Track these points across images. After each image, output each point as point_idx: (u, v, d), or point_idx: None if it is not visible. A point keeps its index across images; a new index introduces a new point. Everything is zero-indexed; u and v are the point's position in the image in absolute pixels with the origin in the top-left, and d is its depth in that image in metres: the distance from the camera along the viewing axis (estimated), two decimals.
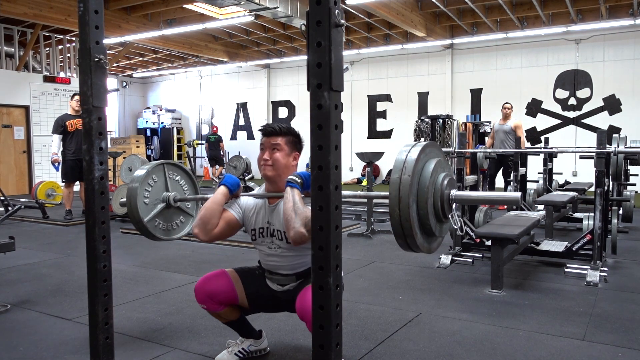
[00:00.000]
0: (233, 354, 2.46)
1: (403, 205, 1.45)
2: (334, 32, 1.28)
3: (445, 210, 1.58)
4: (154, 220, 2.47)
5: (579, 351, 2.61)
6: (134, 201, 2.36)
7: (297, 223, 1.94)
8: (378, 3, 8.84)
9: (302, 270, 2.26)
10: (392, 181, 1.48)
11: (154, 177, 2.47)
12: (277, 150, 2.19)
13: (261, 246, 2.31)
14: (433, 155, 1.59)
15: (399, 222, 1.46)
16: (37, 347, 2.69)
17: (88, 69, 1.84)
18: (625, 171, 6.11)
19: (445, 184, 1.58)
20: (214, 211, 2.20)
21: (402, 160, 1.50)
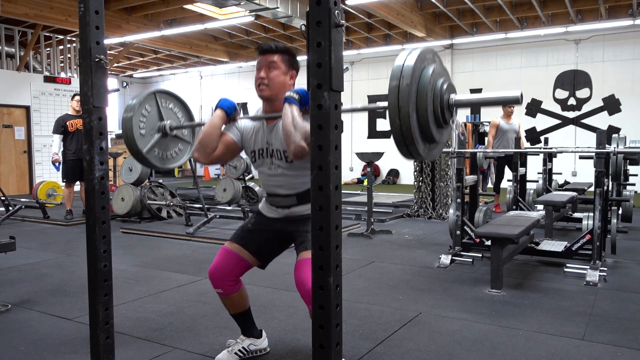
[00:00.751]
0: (233, 353, 2.46)
1: (403, 114, 1.43)
2: (334, 32, 1.28)
3: (445, 115, 1.56)
4: (153, 150, 2.44)
5: (579, 351, 2.61)
6: (130, 133, 2.31)
7: (297, 137, 1.93)
8: (378, 3, 8.85)
9: (302, 191, 2.22)
10: (390, 90, 1.44)
11: (147, 107, 2.42)
12: (273, 68, 2.17)
13: (262, 167, 2.28)
14: (431, 61, 1.55)
15: (400, 131, 1.44)
16: (37, 347, 2.69)
17: (89, 69, 1.84)
18: (624, 171, 6.11)
19: (445, 89, 1.54)
20: (212, 134, 2.20)
21: (399, 67, 1.46)
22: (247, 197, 8.54)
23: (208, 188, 11.05)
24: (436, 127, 1.55)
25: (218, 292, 2.34)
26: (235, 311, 2.44)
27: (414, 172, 7.41)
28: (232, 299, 2.37)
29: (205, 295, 3.61)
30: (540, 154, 6.91)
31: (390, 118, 1.44)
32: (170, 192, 7.47)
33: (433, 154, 1.60)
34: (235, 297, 2.37)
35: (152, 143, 2.42)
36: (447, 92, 1.56)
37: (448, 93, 1.56)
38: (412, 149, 1.48)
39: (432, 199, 7.28)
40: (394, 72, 1.46)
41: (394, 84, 1.44)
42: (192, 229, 5.85)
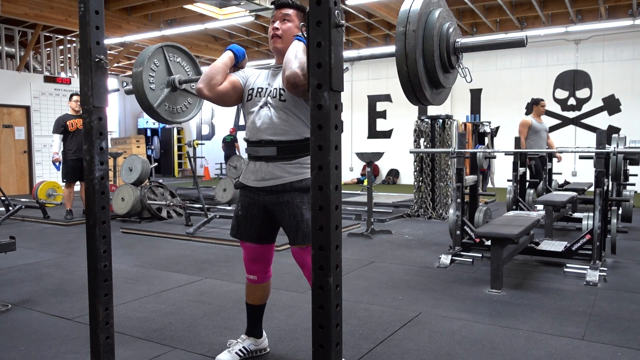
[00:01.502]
0: (234, 353, 2.46)
1: (410, 61, 1.43)
2: (334, 32, 1.28)
3: (452, 60, 1.57)
4: (164, 105, 2.46)
5: (579, 351, 2.61)
6: (140, 88, 2.33)
7: (295, 64, 1.97)
8: (378, 3, 8.85)
9: (284, 140, 2.17)
10: (397, 36, 1.44)
11: (156, 62, 2.43)
12: (287, 21, 2.22)
13: (252, 107, 2.26)
14: (436, 5, 1.56)
15: (408, 78, 1.45)
16: (37, 347, 2.69)
17: (89, 69, 1.84)
18: (624, 171, 6.11)
19: (451, 32, 1.55)
20: (219, 69, 2.25)
21: (405, 13, 1.46)
22: None
23: (208, 188, 11.05)
24: (442, 71, 1.56)
25: (252, 279, 2.41)
26: (254, 302, 2.47)
27: (414, 172, 7.41)
28: (259, 287, 2.44)
29: (205, 295, 3.61)
30: (540, 154, 6.90)
31: (398, 65, 1.45)
32: (170, 192, 7.47)
33: (440, 98, 1.61)
34: (262, 287, 2.44)
35: (162, 97, 2.44)
36: (453, 36, 1.56)
37: (454, 37, 1.57)
38: (419, 95, 1.50)
39: (432, 199, 7.28)
40: (401, 17, 1.46)
41: (400, 30, 1.44)
42: (192, 229, 5.85)
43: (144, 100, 2.37)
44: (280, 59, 2.25)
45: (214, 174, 16.26)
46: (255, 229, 2.32)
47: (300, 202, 2.17)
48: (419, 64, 1.46)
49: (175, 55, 2.55)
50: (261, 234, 2.34)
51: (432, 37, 1.49)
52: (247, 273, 2.42)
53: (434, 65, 1.50)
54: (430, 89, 1.53)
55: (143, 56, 2.38)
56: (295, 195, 2.18)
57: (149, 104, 2.38)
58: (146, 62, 2.36)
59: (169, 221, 6.90)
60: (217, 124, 16.76)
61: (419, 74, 1.45)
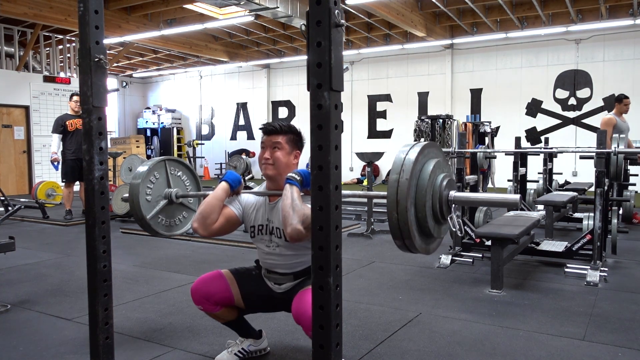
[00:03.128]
0: (233, 354, 2.46)
1: (401, 208, 1.44)
2: (334, 32, 1.28)
3: (444, 212, 1.57)
4: (157, 217, 2.48)
5: (579, 351, 2.61)
6: (136, 199, 2.36)
7: (295, 220, 1.95)
8: (378, 3, 8.84)
9: (300, 270, 2.25)
10: (390, 183, 1.46)
11: (156, 174, 2.47)
12: (277, 149, 2.20)
13: (260, 244, 2.31)
14: (432, 156, 1.58)
15: (397, 225, 1.46)
16: (37, 347, 2.69)
17: (88, 69, 1.84)
18: (625, 171, 6.10)
19: (445, 185, 1.56)
20: (214, 206, 2.21)
21: (400, 161, 1.48)
22: None
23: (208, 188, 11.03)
24: (434, 222, 1.56)
25: (199, 308, 2.35)
26: (224, 321, 2.44)
27: None
28: (216, 314, 2.38)
29: None
30: (540, 153, 6.90)
31: (388, 211, 1.45)
32: None
33: (430, 249, 1.61)
34: (219, 314, 2.37)
35: (157, 209, 2.46)
36: (446, 188, 1.57)
37: (448, 189, 1.57)
38: (408, 243, 1.49)
39: None
40: (395, 165, 1.48)
41: (393, 178, 1.46)
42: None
43: (137, 211, 2.38)
44: (271, 184, 2.26)
45: (214, 174, 16.25)
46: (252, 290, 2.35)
47: None
48: (410, 212, 1.45)
49: (176, 169, 2.59)
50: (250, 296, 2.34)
51: (424, 187, 1.49)
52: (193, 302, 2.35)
53: (425, 215, 1.50)
54: (420, 238, 1.52)
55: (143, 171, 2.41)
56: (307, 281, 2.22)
57: (141, 215, 2.39)
58: (146, 175, 2.40)
59: None
60: (217, 124, 16.76)
61: (408, 222, 1.45)
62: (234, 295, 2.33)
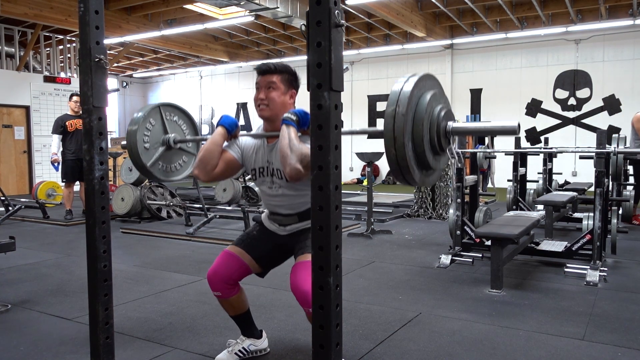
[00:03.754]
0: (233, 354, 2.46)
1: (398, 144, 1.41)
2: (334, 32, 1.28)
3: (442, 143, 1.54)
4: (157, 164, 2.46)
5: (579, 351, 2.61)
6: (134, 148, 2.34)
7: (293, 159, 1.95)
8: (378, 3, 8.84)
9: (303, 210, 2.24)
10: (386, 119, 1.42)
11: (152, 121, 2.44)
12: (272, 89, 2.17)
13: (262, 186, 2.30)
14: (429, 88, 1.53)
15: (396, 161, 1.43)
16: (37, 347, 2.69)
17: (88, 69, 1.84)
18: (624, 171, 6.11)
19: (442, 117, 1.52)
20: (213, 152, 2.21)
21: (396, 95, 1.43)
22: (247, 197, 8.54)
23: (208, 188, 11.04)
24: (432, 154, 1.53)
25: (216, 295, 2.34)
26: (234, 313, 2.44)
27: None
28: (231, 302, 2.37)
29: (205, 295, 3.61)
30: (540, 154, 6.90)
31: (386, 147, 1.43)
32: (170, 192, 7.47)
33: (430, 181, 1.59)
34: (234, 300, 2.37)
35: (156, 156, 2.44)
36: (444, 119, 1.54)
37: (445, 120, 1.54)
38: (408, 178, 1.48)
39: (432, 199, 7.28)
40: (391, 99, 1.44)
41: (389, 112, 1.42)
42: (192, 229, 5.85)
43: (137, 160, 2.37)
44: (268, 125, 2.24)
45: None
46: (260, 249, 2.35)
47: None
48: (408, 148, 1.43)
49: (172, 114, 2.56)
50: (261, 256, 2.35)
51: (422, 120, 1.46)
52: (211, 290, 2.36)
53: (423, 148, 1.47)
54: (419, 172, 1.50)
55: (139, 116, 2.39)
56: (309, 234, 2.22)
57: (141, 163, 2.38)
58: (142, 121, 2.37)
59: (169, 221, 6.90)
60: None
61: (406, 157, 1.43)
62: (249, 265, 2.34)
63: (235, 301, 2.38)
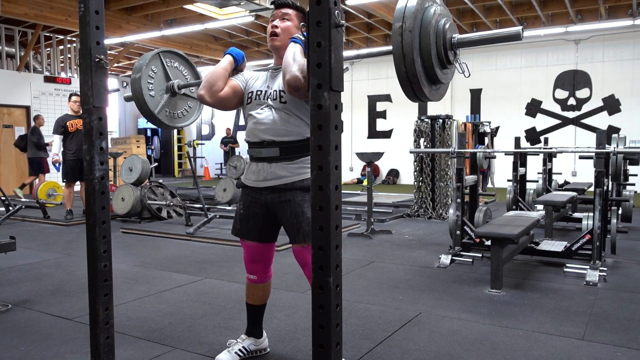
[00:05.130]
0: (233, 353, 2.46)
1: (408, 61, 1.44)
2: (334, 32, 1.28)
3: (449, 56, 1.58)
4: (164, 111, 2.47)
5: (579, 351, 2.61)
6: (140, 96, 2.35)
7: (294, 67, 1.97)
8: (378, 3, 8.85)
9: (286, 141, 2.18)
10: (394, 35, 1.45)
11: (153, 68, 2.44)
12: (286, 20, 2.23)
13: (253, 110, 2.27)
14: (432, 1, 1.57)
15: (406, 77, 1.47)
16: (38, 347, 2.69)
17: (89, 69, 1.84)
18: (624, 171, 6.11)
19: (447, 29, 1.55)
20: (220, 74, 2.26)
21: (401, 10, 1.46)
22: None
23: (208, 188, 11.04)
24: (440, 68, 1.57)
25: (252, 278, 2.41)
26: (254, 302, 2.47)
27: (414, 172, 7.41)
28: (259, 288, 2.44)
29: (205, 295, 3.61)
30: (540, 154, 6.90)
31: (396, 65, 1.46)
32: (170, 192, 7.47)
33: (439, 94, 1.63)
34: (262, 287, 2.44)
35: (162, 103, 2.44)
36: (449, 31, 1.57)
37: (450, 33, 1.57)
38: (419, 93, 1.52)
39: (432, 199, 7.28)
40: (396, 15, 1.46)
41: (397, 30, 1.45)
42: (192, 229, 5.85)
43: (144, 107, 2.37)
44: (278, 59, 2.26)
45: (214, 174, 16.25)
46: (256, 227, 2.33)
47: (301, 201, 2.18)
48: (417, 63, 1.47)
49: (172, 60, 2.56)
50: (262, 232, 2.34)
51: (428, 35, 1.50)
52: (247, 273, 2.42)
53: (431, 63, 1.51)
54: (429, 86, 1.55)
55: (140, 63, 2.38)
56: (297, 194, 2.19)
57: (149, 111, 2.39)
58: (144, 69, 2.36)
59: (169, 221, 6.90)
60: (217, 124, 16.76)
61: (417, 73, 1.47)
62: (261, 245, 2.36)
63: (262, 289, 2.45)
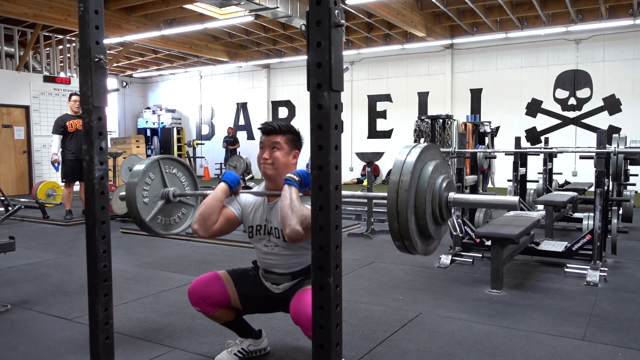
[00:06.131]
0: (232, 354, 2.46)
1: (402, 219, 1.45)
2: (334, 32, 1.28)
3: (444, 214, 1.57)
4: (156, 218, 2.47)
5: (579, 351, 2.61)
6: (134, 204, 2.35)
7: (293, 220, 1.95)
8: (378, 3, 8.84)
9: (298, 270, 2.25)
10: (390, 194, 1.46)
11: (151, 175, 2.45)
12: (276, 149, 2.20)
13: (258, 244, 2.31)
14: (431, 158, 1.57)
15: (399, 233, 1.47)
16: (37, 347, 2.69)
17: (88, 69, 1.84)
18: (625, 171, 6.10)
19: (444, 188, 1.56)
20: (214, 207, 2.21)
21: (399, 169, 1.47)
22: None
23: (208, 188, 11.03)
24: (434, 225, 1.57)
25: (196, 309, 2.34)
26: (222, 322, 2.43)
27: None
28: (214, 316, 2.37)
29: None
30: (540, 154, 6.90)
31: (390, 221, 1.47)
32: None
33: (431, 249, 1.63)
34: (217, 314, 2.37)
35: (155, 211, 2.45)
36: (446, 190, 1.57)
37: (447, 191, 1.57)
38: (411, 249, 1.52)
39: None
40: (394, 170, 1.48)
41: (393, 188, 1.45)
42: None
43: (136, 215, 2.37)
44: (270, 184, 2.25)
45: (214, 174, 16.25)
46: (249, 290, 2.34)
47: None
48: (411, 222, 1.47)
49: (171, 167, 2.56)
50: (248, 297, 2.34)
51: (424, 192, 1.50)
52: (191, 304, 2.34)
53: (425, 221, 1.51)
54: (420, 242, 1.55)
55: (139, 170, 2.39)
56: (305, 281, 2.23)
57: (140, 219, 2.38)
58: (141, 175, 2.37)
59: None
60: (216, 124, 16.76)
61: (409, 231, 1.47)
62: (230, 297, 2.32)
63: (219, 315, 2.37)
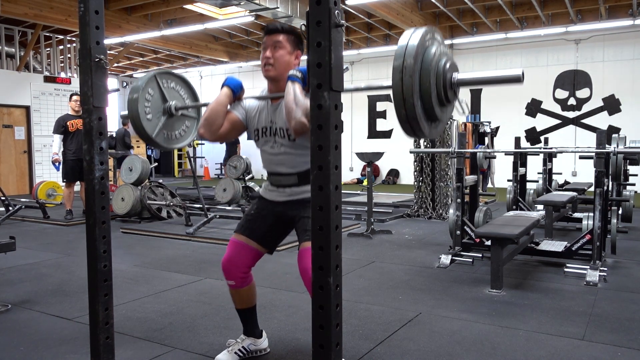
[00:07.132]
0: (233, 353, 2.46)
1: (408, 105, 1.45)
2: (334, 32, 1.28)
3: (448, 94, 1.58)
4: (162, 133, 2.46)
5: (579, 351, 2.61)
6: (137, 120, 2.33)
7: (298, 113, 1.96)
8: (378, 3, 8.85)
9: (303, 170, 2.23)
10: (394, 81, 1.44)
11: (150, 91, 2.42)
12: (279, 47, 2.18)
13: (264, 146, 2.30)
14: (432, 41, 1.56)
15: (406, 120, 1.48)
16: (37, 347, 2.69)
17: (88, 69, 1.84)
18: (624, 171, 6.11)
19: (447, 68, 1.55)
20: (218, 112, 2.23)
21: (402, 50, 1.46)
22: (247, 197, 8.54)
23: (208, 188, 11.04)
24: (439, 107, 1.57)
25: (230, 284, 2.38)
26: (242, 306, 2.46)
27: (414, 172, 7.41)
28: (242, 293, 2.40)
29: (205, 295, 3.61)
30: (540, 154, 6.90)
31: (396, 108, 1.46)
32: (170, 192, 7.47)
33: (437, 131, 1.64)
34: (245, 292, 2.41)
35: (159, 126, 2.43)
36: (449, 71, 1.57)
37: (451, 72, 1.57)
38: (418, 133, 1.53)
39: (432, 199, 7.28)
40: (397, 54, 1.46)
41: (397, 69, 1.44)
42: (192, 229, 5.85)
43: (142, 131, 2.36)
44: (273, 86, 2.25)
45: (214, 174, 16.25)
46: (261, 230, 2.35)
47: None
48: (417, 106, 1.47)
49: (169, 81, 2.54)
50: (262, 237, 2.35)
51: (429, 77, 1.50)
52: (225, 279, 2.39)
53: (431, 103, 1.52)
54: (428, 126, 1.55)
55: (137, 85, 2.38)
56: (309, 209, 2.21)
57: (147, 135, 2.38)
58: (140, 91, 2.36)
59: (169, 221, 6.90)
60: None
61: (416, 115, 1.47)
62: (257, 249, 2.35)
63: (246, 293, 2.41)
